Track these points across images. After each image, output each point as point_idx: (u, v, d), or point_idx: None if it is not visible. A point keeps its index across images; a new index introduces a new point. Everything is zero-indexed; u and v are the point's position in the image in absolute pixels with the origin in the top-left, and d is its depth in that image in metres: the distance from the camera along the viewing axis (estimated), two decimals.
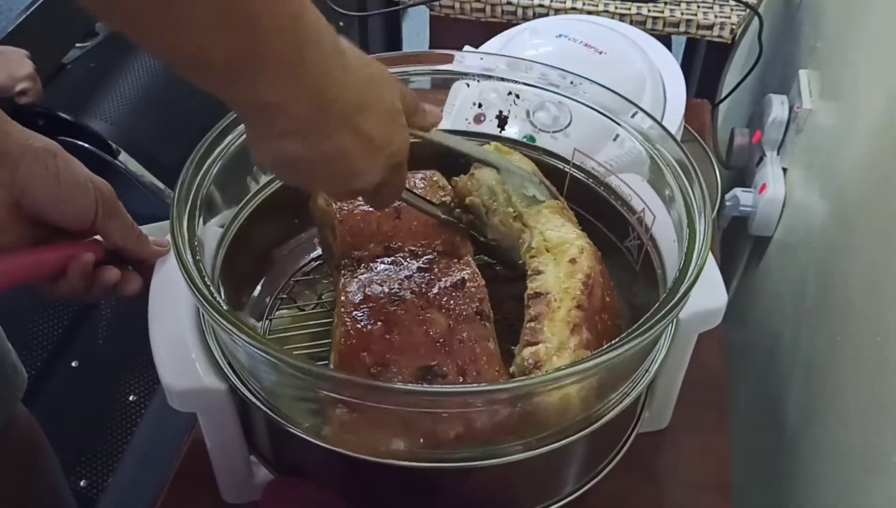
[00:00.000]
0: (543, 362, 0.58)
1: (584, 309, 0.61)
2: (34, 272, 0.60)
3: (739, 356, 1.09)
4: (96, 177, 0.62)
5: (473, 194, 0.72)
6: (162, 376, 0.59)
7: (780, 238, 1.07)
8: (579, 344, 0.59)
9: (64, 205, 0.60)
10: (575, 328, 0.60)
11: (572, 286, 0.62)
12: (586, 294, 0.62)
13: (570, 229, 0.67)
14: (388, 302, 0.62)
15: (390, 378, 0.57)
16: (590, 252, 0.65)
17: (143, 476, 1.20)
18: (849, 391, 0.75)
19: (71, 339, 1.30)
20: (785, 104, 1.10)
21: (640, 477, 0.71)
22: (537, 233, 0.67)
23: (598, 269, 0.65)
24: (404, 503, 0.61)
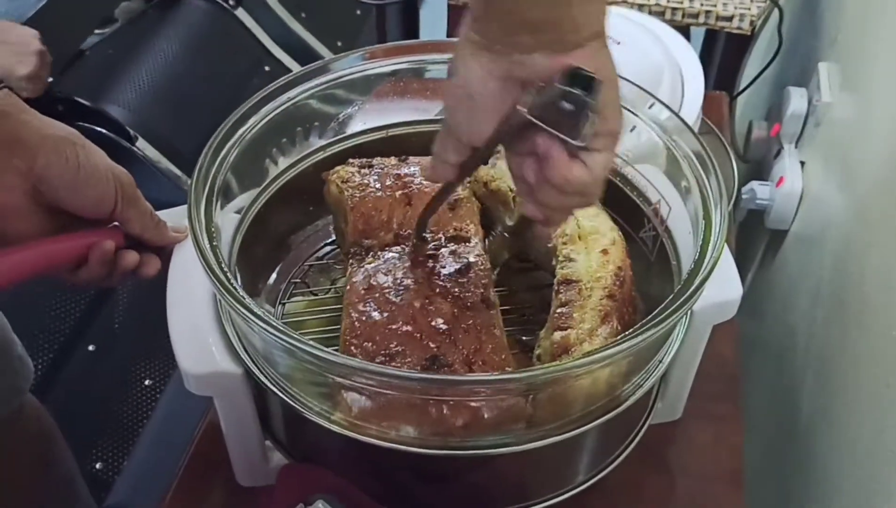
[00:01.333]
0: (573, 347, 0.58)
1: (615, 299, 0.61)
2: (55, 262, 0.61)
3: (754, 349, 1.09)
4: (116, 166, 0.62)
5: (497, 181, 0.72)
6: (179, 359, 0.59)
7: (797, 232, 1.07)
8: (611, 333, 0.59)
9: (83, 194, 0.60)
10: (606, 317, 0.60)
11: (604, 276, 0.63)
12: (618, 285, 0.62)
13: (604, 220, 0.67)
14: (393, 292, 0.62)
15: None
16: (621, 245, 0.66)
17: (159, 460, 1.21)
18: (863, 384, 0.75)
19: (87, 323, 1.31)
20: (804, 97, 1.09)
21: (652, 467, 0.72)
22: (572, 219, 0.67)
23: (628, 263, 0.65)
24: (418, 490, 0.62)
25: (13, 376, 0.88)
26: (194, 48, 1.69)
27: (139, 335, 1.35)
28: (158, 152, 1.48)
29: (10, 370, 0.87)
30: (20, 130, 0.59)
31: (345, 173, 0.72)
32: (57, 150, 0.59)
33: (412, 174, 0.72)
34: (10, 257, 0.59)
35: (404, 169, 0.73)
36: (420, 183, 0.71)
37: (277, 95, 0.70)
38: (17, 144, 0.58)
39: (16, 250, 0.59)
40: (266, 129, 0.69)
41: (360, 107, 0.78)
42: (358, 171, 0.72)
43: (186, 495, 0.71)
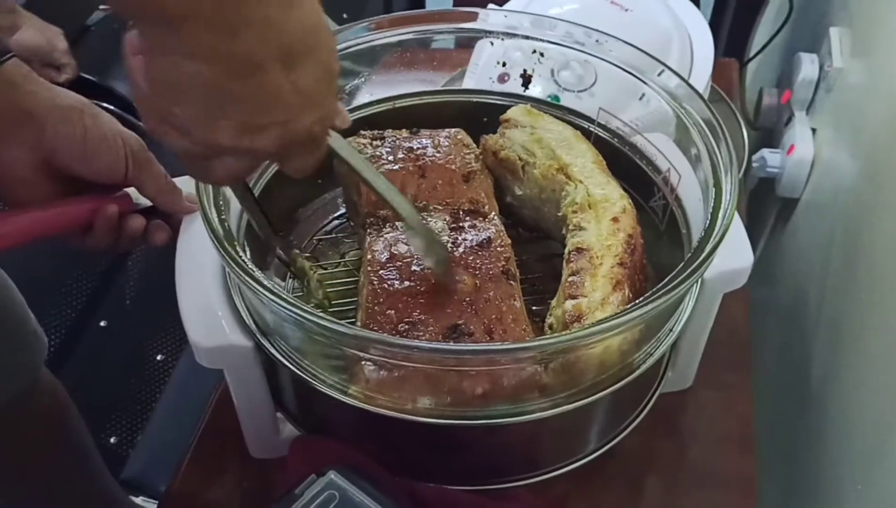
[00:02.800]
0: (585, 315, 0.58)
1: (626, 267, 0.61)
2: (59, 225, 0.62)
3: (764, 317, 1.09)
4: (126, 131, 0.62)
5: (507, 150, 0.72)
6: (189, 333, 0.59)
7: (808, 199, 1.06)
8: (623, 301, 0.59)
9: (92, 161, 0.61)
10: (617, 285, 0.60)
11: (615, 244, 0.62)
12: (629, 253, 0.62)
13: (614, 188, 0.67)
14: (415, 261, 0.62)
15: (417, 337, 0.57)
16: (631, 213, 0.65)
17: (172, 433, 1.21)
18: (873, 350, 0.75)
19: (100, 299, 1.32)
20: (815, 63, 1.08)
21: (662, 434, 0.72)
22: (582, 188, 0.67)
23: (639, 231, 0.65)
24: (429, 460, 0.62)
25: (28, 351, 0.89)
26: None
27: (151, 311, 1.36)
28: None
29: (25, 346, 0.88)
30: (29, 100, 0.59)
31: (357, 146, 0.72)
32: (65, 118, 0.59)
33: (424, 147, 0.72)
34: (14, 218, 0.60)
35: (416, 142, 0.73)
36: (433, 155, 0.71)
37: None
38: (25, 115, 0.59)
39: (19, 212, 0.60)
40: None
41: (366, 78, 0.78)
42: (370, 143, 0.72)
43: (200, 467, 0.72)
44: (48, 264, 1.28)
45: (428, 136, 0.73)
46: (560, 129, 0.72)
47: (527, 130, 0.72)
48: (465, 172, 0.70)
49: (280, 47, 0.41)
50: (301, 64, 0.43)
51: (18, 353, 0.87)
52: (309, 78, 0.43)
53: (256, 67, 0.41)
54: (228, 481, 0.72)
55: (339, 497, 0.54)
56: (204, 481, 0.72)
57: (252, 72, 0.41)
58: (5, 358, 0.85)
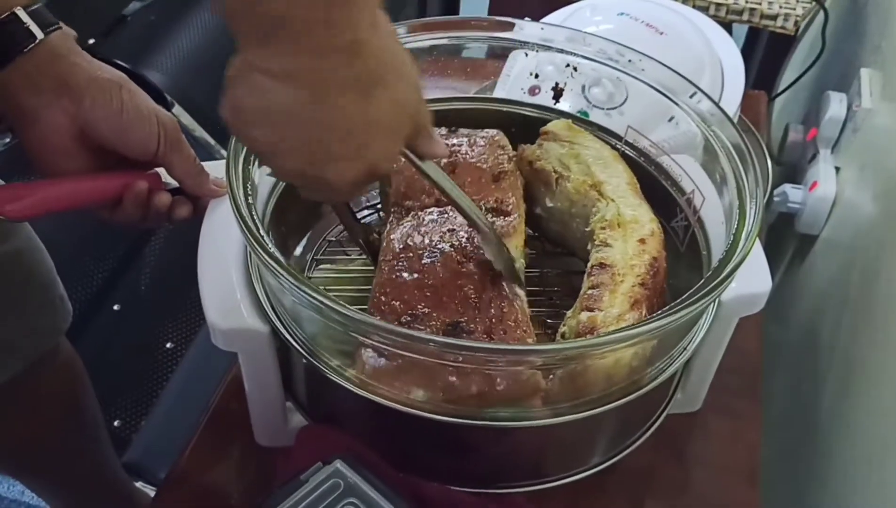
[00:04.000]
0: (599, 328, 0.58)
1: (646, 288, 0.61)
2: (91, 197, 0.63)
3: (777, 353, 1.08)
4: (161, 110, 0.64)
5: (543, 161, 0.72)
6: (207, 313, 0.60)
7: (827, 237, 1.06)
8: (638, 320, 0.59)
9: (126, 135, 0.62)
10: (635, 304, 0.60)
11: (639, 264, 0.62)
12: (651, 275, 0.62)
13: (645, 211, 0.67)
14: (428, 254, 0.62)
15: (418, 329, 0.58)
16: (659, 237, 0.66)
17: (177, 421, 1.22)
18: (886, 393, 0.75)
19: (115, 283, 1.33)
20: (843, 102, 1.08)
21: (667, 456, 0.71)
22: (613, 206, 0.67)
23: (664, 255, 0.65)
24: (434, 459, 0.62)
25: (53, 315, 0.91)
26: None
27: (164, 298, 1.37)
28: (194, 120, 1.49)
29: (51, 308, 0.90)
30: (71, 71, 0.61)
31: None
32: (103, 91, 0.61)
33: (459, 145, 0.73)
34: (47, 187, 0.61)
35: (452, 139, 0.73)
36: (467, 153, 0.72)
37: None
38: (66, 85, 0.60)
39: (53, 182, 0.62)
40: None
41: None
42: None
43: (204, 452, 0.72)
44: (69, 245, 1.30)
45: (466, 134, 0.74)
46: (598, 147, 0.73)
47: (565, 145, 0.73)
48: (495, 173, 0.70)
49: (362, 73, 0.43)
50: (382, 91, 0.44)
51: (43, 316, 0.89)
52: (385, 107, 0.44)
53: (338, 91, 0.42)
54: (231, 467, 0.72)
55: (343, 486, 0.54)
56: (206, 466, 0.72)
57: (333, 96, 0.42)
58: (30, 320, 0.87)
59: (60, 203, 0.61)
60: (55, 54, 0.60)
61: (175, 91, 1.50)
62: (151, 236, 1.41)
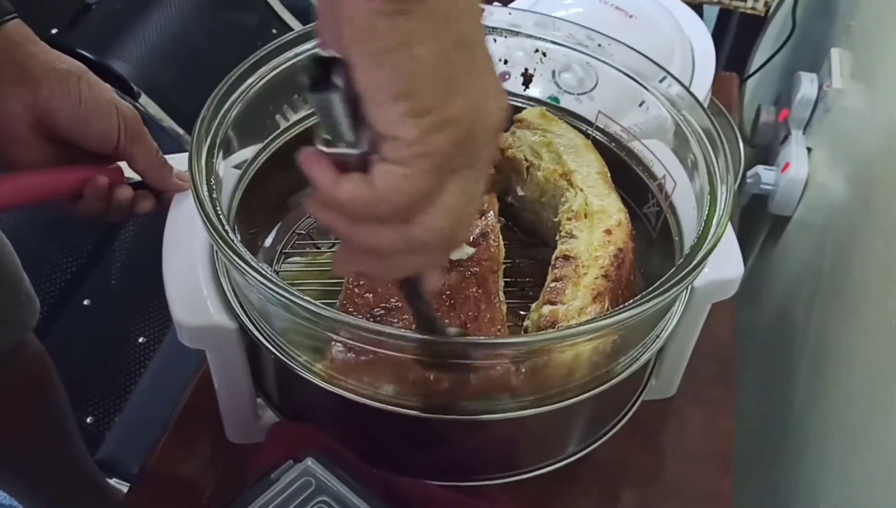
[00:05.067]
0: (560, 322, 0.58)
1: (610, 280, 0.61)
2: (50, 191, 0.62)
3: (749, 336, 1.09)
4: (122, 102, 0.62)
5: (514, 149, 0.71)
6: (173, 311, 0.59)
7: (800, 218, 1.06)
8: (600, 313, 0.59)
9: (86, 127, 0.61)
10: (598, 297, 0.59)
11: (603, 256, 0.62)
12: (615, 266, 0.61)
13: (613, 201, 0.67)
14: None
15: (391, 323, 0.57)
16: (626, 227, 0.65)
17: (149, 417, 1.20)
18: (859, 373, 0.75)
19: (84, 277, 1.31)
20: (814, 82, 1.08)
21: (642, 444, 0.71)
22: (581, 196, 0.66)
23: (631, 246, 0.64)
24: (407, 453, 0.61)
25: (20, 310, 0.89)
26: (202, 7, 1.68)
27: (135, 293, 1.35)
28: (161, 110, 1.47)
29: (17, 305, 0.89)
30: (28, 60, 0.59)
31: None
32: (61, 82, 0.60)
33: None
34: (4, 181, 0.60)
35: None
36: None
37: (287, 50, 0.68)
38: (23, 74, 0.59)
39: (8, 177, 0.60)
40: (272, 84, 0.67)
41: None
42: None
43: (175, 448, 0.71)
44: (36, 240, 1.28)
45: None
46: (572, 136, 0.72)
47: (538, 133, 0.72)
48: None
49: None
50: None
51: (10, 313, 0.88)
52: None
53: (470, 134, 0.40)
54: (203, 464, 0.71)
55: (315, 485, 0.53)
56: (178, 462, 0.71)
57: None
58: None
59: (17, 198, 0.60)
60: (12, 42, 0.59)
61: (142, 81, 1.48)
62: (121, 230, 1.39)
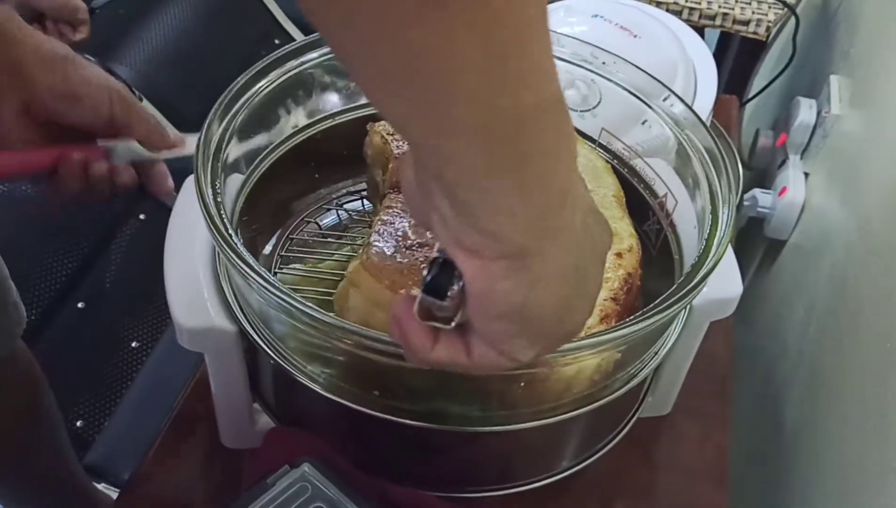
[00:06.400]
0: None
1: (618, 303, 0.60)
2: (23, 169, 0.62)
3: (744, 357, 1.09)
4: (111, 79, 0.62)
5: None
6: (173, 313, 0.59)
7: (796, 242, 1.07)
8: None
9: (74, 103, 0.60)
10: (605, 318, 0.59)
11: (613, 279, 0.62)
12: (624, 291, 0.61)
13: (626, 225, 0.67)
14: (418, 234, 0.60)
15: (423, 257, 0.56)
16: (636, 253, 0.65)
17: (141, 421, 1.20)
18: (852, 395, 0.75)
19: (80, 280, 1.30)
20: (813, 108, 1.09)
21: (637, 459, 0.71)
22: None
23: (639, 273, 0.64)
24: (403, 462, 0.62)
25: (6, 320, 0.88)
26: (205, 15, 1.68)
27: (130, 297, 1.35)
28: (162, 116, 1.47)
29: (5, 314, 0.88)
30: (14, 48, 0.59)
31: (391, 127, 0.71)
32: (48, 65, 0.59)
33: None
34: None
35: None
36: None
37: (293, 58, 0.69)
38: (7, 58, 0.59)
39: None
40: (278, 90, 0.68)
41: None
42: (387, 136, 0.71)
43: (169, 452, 0.71)
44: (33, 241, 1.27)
45: None
46: (592, 157, 0.72)
47: None
48: None
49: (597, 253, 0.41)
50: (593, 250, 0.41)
51: None
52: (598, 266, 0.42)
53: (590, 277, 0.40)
54: (196, 469, 0.71)
55: (311, 490, 0.53)
56: (171, 466, 0.70)
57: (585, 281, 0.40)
58: None
59: None
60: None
61: (142, 86, 1.48)
62: (118, 233, 1.39)
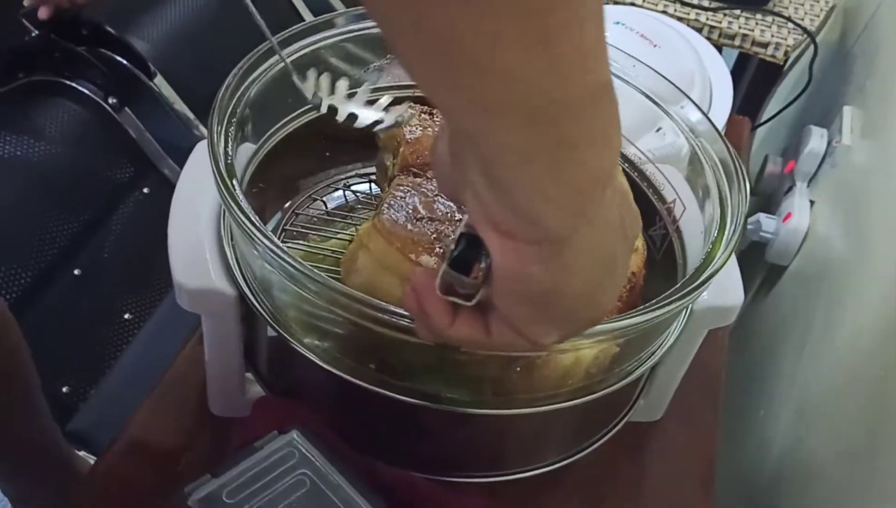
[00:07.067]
0: None
1: (620, 300, 0.61)
2: None
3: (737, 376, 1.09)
4: None
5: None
6: (174, 272, 0.58)
7: (796, 269, 1.07)
8: None
9: None
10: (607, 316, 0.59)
11: None
12: (627, 289, 0.61)
13: None
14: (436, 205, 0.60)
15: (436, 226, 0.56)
16: (642, 254, 0.65)
17: (127, 392, 1.20)
18: (844, 420, 0.75)
19: (79, 248, 1.30)
20: (824, 137, 1.09)
21: (625, 461, 0.71)
22: None
23: (643, 274, 0.64)
24: (393, 441, 0.61)
25: None
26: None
27: (126, 268, 1.34)
28: (175, 93, 1.47)
29: None
30: None
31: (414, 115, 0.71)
32: None
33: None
34: None
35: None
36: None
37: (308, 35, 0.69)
38: None
39: None
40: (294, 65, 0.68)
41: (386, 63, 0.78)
42: (418, 114, 0.71)
43: (155, 415, 0.71)
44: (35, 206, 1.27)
45: None
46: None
47: None
48: None
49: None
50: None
51: None
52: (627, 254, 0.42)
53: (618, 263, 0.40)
54: (182, 434, 0.70)
55: (297, 457, 0.53)
56: (157, 430, 0.70)
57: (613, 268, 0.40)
58: None
59: None
60: None
61: (159, 62, 1.48)
62: (120, 204, 1.39)
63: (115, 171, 1.41)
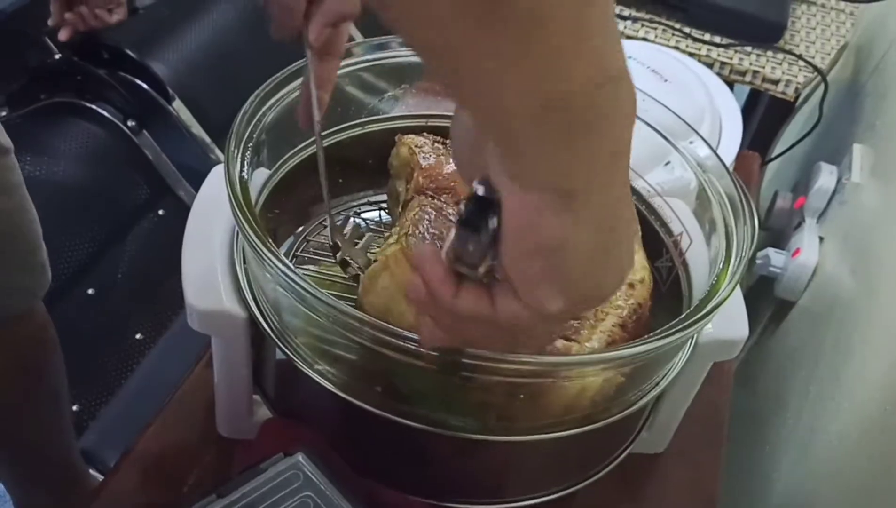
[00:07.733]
0: None
1: (626, 331, 0.61)
2: None
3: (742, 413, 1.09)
4: None
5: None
6: (186, 293, 0.59)
7: (805, 305, 1.07)
8: None
9: None
10: (611, 344, 0.60)
11: (623, 307, 0.62)
12: (633, 320, 0.62)
13: (640, 258, 0.67)
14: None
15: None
16: (648, 286, 0.65)
17: (135, 413, 1.20)
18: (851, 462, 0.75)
19: (93, 267, 1.32)
20: (834, 174, 1.10)
21: (624, 496, 0.71)
22: None
23: (649, 305, 0.65)
24: (393, 465, 0.62)
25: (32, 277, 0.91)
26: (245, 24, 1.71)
27: (139, 289, 1.36)
28: (192, 117, 1.50)
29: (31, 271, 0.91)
30: None
31: (419, 141, 0.72)
32: None
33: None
34: None
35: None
36: None
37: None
38: None
39: None
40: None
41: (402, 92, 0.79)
42: (431, 143, 0.73)
43: (163, 436, 0.71)
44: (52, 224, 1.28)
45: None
46: None
47: None
48: None
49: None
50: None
51: (24, 276, 0.90)
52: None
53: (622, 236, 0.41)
54: (189, 454, 0.71)
55: (302, 480, 0.54)
56: (164, 450, 0.71)
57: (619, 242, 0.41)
58: (10, 276, 0.87)
59: None
60: None
61: (177, 86, 1.51)
62: (135, 225, 1.41)
63: (131, 192, 1.43)
